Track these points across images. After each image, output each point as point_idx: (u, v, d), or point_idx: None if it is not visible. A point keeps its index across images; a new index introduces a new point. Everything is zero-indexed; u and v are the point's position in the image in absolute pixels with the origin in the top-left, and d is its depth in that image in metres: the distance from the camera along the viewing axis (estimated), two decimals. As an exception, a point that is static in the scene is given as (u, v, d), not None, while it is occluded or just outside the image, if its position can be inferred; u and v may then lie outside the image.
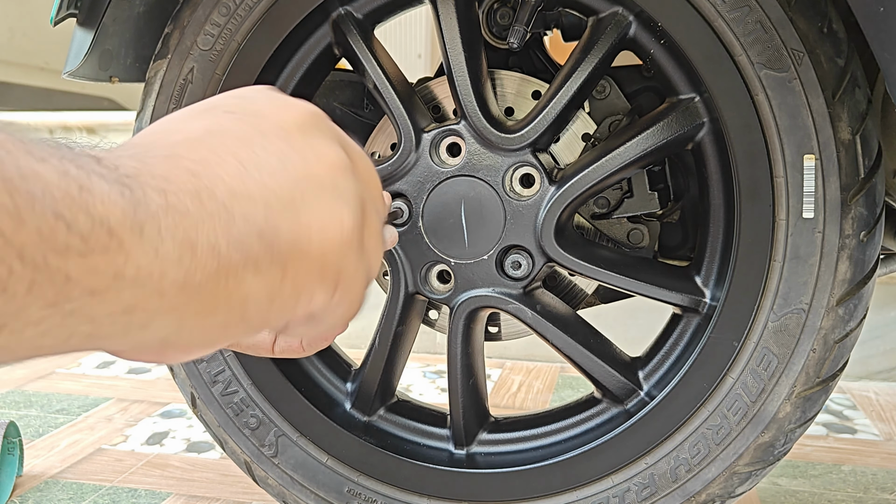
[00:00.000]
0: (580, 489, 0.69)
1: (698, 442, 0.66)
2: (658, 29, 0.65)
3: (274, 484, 0.75)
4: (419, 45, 1.75)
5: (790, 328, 0.63)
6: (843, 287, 0.62)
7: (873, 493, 0.98)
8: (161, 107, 0.72)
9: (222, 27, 0.70)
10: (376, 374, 0.77)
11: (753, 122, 0.62)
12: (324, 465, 0.74)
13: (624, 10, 0.67)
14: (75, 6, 0.68)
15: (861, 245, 0.62)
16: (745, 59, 0.62)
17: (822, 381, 0.64)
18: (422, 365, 1.52)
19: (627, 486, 0.68)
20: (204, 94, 0.71)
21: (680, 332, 0.71)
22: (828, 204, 0.61)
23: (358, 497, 0.73)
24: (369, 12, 0.73)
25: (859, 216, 0.61)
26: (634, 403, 0.71)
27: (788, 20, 0.60)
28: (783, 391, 0.64)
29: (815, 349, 0.63)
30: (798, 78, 0.61)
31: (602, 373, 0.72)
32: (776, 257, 0.63)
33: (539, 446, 0.75)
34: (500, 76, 0.74)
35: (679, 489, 0.66)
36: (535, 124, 0.68)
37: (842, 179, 0.61)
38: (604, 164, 0.67)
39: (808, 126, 0.61)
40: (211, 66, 0.71)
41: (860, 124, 0.61)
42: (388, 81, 0.70)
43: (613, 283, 0.69)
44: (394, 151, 0.71)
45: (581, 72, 0.68)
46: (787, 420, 0.64)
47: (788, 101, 0.61)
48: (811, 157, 0.61)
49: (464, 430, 0.75)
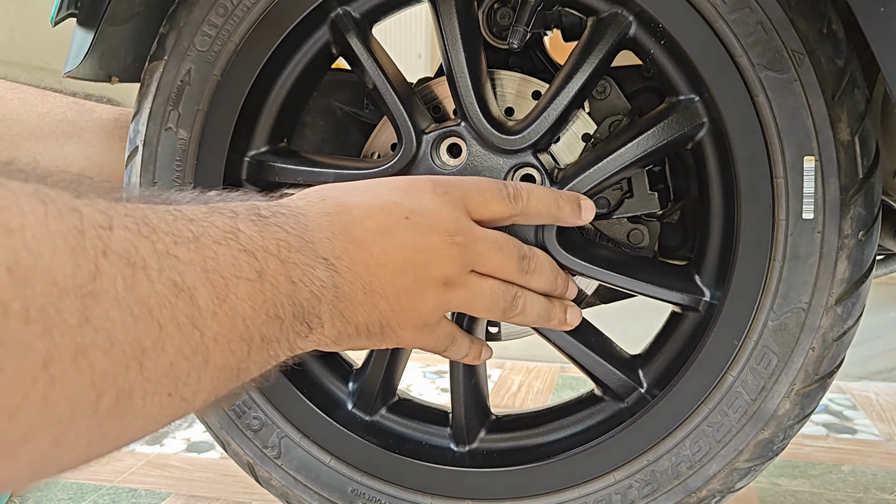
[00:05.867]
0: (583, 486, 0.70)
1: (699, 439, 0.67)
2: (658, 29, 0.65)
3: (278, 485, 0.75)
4: (419, 45, 1.75)
5: (790, 327, 0.64)
6: (842, 286, 0.63)
7: (873, 493, 1.00)
8: (158, 109, 0.71)
9: (220, 28, 0.70)
10: (378, 374, 0.77)
11: (753, 123, 0.63)
12: (327, 465, 0.74)
13: (624, 10, 0.67)
14: (75, 6, 0.67)
15: (859, 244, 0.63)
16: (745, 61, 0.62)
17: (820, 378, 0.65)
18: (422, 365, 1.52)
19: (629, 482, 0.69)
20: (201, 96, 0.70)
21: (680, 330, 0.72)
22: (827, 204, 0.62)
23: (362, 497, 0.74)
24: (367, 12, 0.72)
25: (858, 216, 0.62)
26: (635, 401, 0.72)
27: (789, 21, 0.61)
28: (783, 389, 0.65)
29: (814, 347, 0.64)
30: (798, 79, 0.61)
31: (603, 371, 0.73)
32: (776, 257, 0.64)
33: (541, 444, 0.75)
34: (500, 76, 0.74)
35: (680, 485, 0.67)
36: (536, 125, 0.68)
37: (841, 180, 0.61)
38: (605, 164, 0.67)
39: (808, 127, 0.61)
40: (208, 68, 0.70)
41: (859, 125, 0.62)
42: (387, 82, 0.70)
43: (614, 283, 0.69)
44: (394, 152, 0.71)
45: (581, 72, 0.68)
46: (786, 417, 0.65)
47: (789, 103, 0.61)
48: (811, 159, 0.62)
49: (465, 429, 0.76)
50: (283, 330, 0.44)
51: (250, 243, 0.42)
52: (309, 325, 0.46)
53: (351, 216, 0.51)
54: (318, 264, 0.47)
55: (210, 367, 0.37)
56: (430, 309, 0.55)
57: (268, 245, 0.43)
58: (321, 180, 0.72)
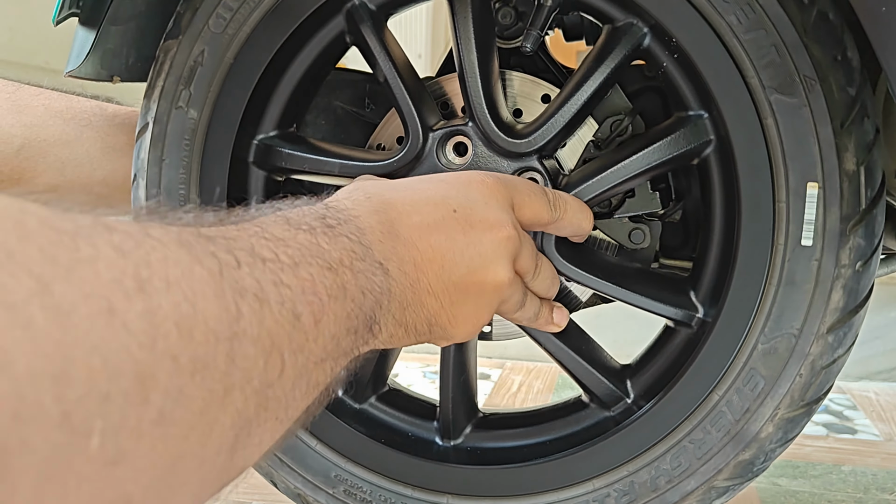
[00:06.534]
0: (562, 490, 0.71)
1: (680, 454, 0.67)
2: (672, 43, 0.65)
3: (263, 465, 0.76)
4: (419, 44, 1.74)
5: (779, 351, 0.64)
6: (835, 315, 0.63)
7: (873, 494, 0.99)
8: (170, 87, 0.71)
9: (235, 11, 0.70)
10: (370, 362, 0.78)
11: (760, 144, 0.62)
12: (313, 449, 0.75)
13: (640, 21, 0.66)
14: (77, 6, 0.67)
15: (856, 275, 0.62)
16: (756, 82, 0.61)
17: (805, 404, 0.65)
18: (422, 365, 1.53)
19: (608, 491, 0.69)
20: (213, 78, 0.71)
21: (671, 344, 0.72)
22: (827, 233, 0.62)
23: (344, 483, 0.75)
24: (383, 3, 0.72)
25: (857, 247, 0.62)
26: (621, 411, 0.72)
27: (803, 46, 0.60)
28: (767, 412, 0.65)
29: (802, 374, 0.64)
30: (808, 105, 0.61)
31: (591, 378, 0.73)
32: (771, 281, 0.63)
33: (525, 445, 0.76)
34: (510, 77, 0.74)
35: (657, 499, 0.68)
36: (544, 130, 0.68)
37: (843, 209, 0.61)
38: (609, 175, 0.67)
39: (814, 154, 0.61)
40: (222, 50, 0.70)
41: (866, 155, 0.61)
42: (398, 75, 0.70)
43: (609, 293, 0.69)
44: (400, 146, 0.71)
45: (593, 80, 0.67)
46: (768, 440, 0.66)
47: (797, 128, 0.61)
48: (814, 186, 0.61)
49: (452, 424, 0.77)
50: (357, 340, 0.44)
51: (331, 258, 0.42)
52: (372, 332, 0.46)
53: (396, 212, 0.50)
54: (376, 270, 0.46)
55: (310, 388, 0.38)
56: (485, 303, 0.54)
57: (342, 258, 0.43)
58: (327, 169, 0.73)
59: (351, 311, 0.42)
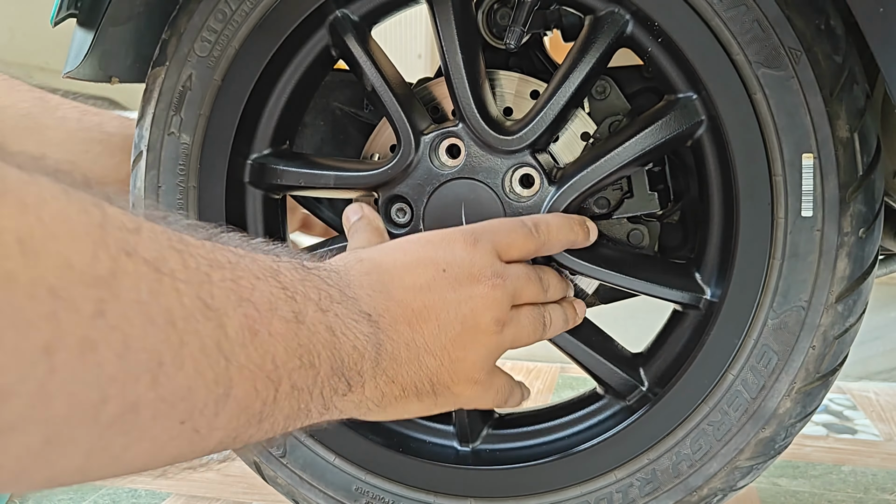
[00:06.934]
0: (584, 484, 0.70)
1: (700, 438, 0.67)
2: (655, 28, 0.65)
3: (283, 483, 0.76)
4: (419, 45, 1.75)
5: (790, 325, 0.64)
6: (842, 284, 0.62)
7: (873, 494, 0.99)
8: (161, 114, 0.72)
9: (219, 33, 0.70)
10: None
11: (751, 120, 0.62)
12: (331, 464, 0.75)
13: (621, 8, 0.66)
14: (75, 6, 0.68)
15: (860, 242, 0.62)
16: (742, 58, 0.62)
17: (821, 376, 0.64)
18: None
19: (630, 481, 0.69)
20: (203, 101, 0.71)
21: (681, 328, 0.72)
22: (826, 202, 0.61)
23: (366, 495, 0.75)
24: (366, 14, 0.73)
25: (858, 213, 0.62)
26: (636, 399, 0.72)
27: (786, 18, 0.60)
28: (783, 387, 0.64)
29: (815, 346, 0.63)
30: (796, 76, 0.61)
31: (604, 369, 0.73)
32: (775, 255, 0.63)
33: (543, 442, 0.76)
34: (498, 76, 0.74)
35: (681, 484, 0.67)
36: (534, 125, 0.68)
37: (840, 177, 0.61)
38: (603, 163, 0.67)
39: (807, 125, 0.61)
40: (209, 73, 0.71)
41: (858, 121, 0.61)
42: (385, 84, 0.70)
43: (615, 283, 0.69)
44: (393, 154, 0.72)
45: (579, 71, 0.68)
46: (787, 415, 0.65)
47: (786, 100, 0.61)
48: (809, 156, 0.61)
49: (469, 427, 0.76)
50: (318, 382, 0.41)
51: (291, 285, 0.40)
52: (348, 383, 0.44)
53: (389, 275, 0.51)
54: (361, 318, 0.46)
55: (231, 402, 0.35)
56: (485, 356, 0.55)
57: (308, 292, 0.41)
58: (322, 182, 0.73)
59: (309, 344, 0.40)
